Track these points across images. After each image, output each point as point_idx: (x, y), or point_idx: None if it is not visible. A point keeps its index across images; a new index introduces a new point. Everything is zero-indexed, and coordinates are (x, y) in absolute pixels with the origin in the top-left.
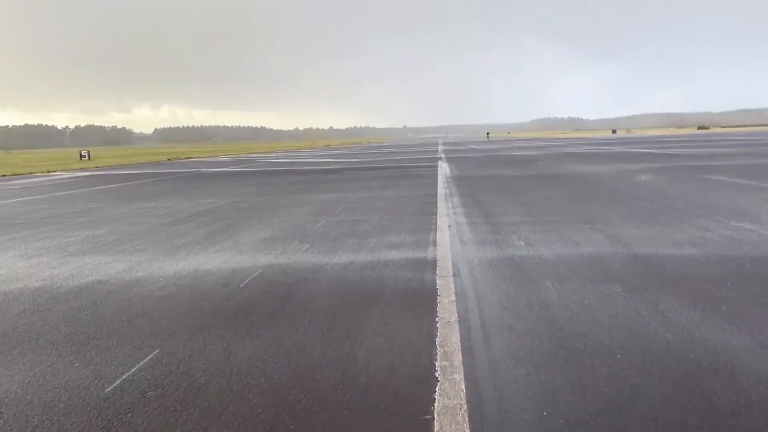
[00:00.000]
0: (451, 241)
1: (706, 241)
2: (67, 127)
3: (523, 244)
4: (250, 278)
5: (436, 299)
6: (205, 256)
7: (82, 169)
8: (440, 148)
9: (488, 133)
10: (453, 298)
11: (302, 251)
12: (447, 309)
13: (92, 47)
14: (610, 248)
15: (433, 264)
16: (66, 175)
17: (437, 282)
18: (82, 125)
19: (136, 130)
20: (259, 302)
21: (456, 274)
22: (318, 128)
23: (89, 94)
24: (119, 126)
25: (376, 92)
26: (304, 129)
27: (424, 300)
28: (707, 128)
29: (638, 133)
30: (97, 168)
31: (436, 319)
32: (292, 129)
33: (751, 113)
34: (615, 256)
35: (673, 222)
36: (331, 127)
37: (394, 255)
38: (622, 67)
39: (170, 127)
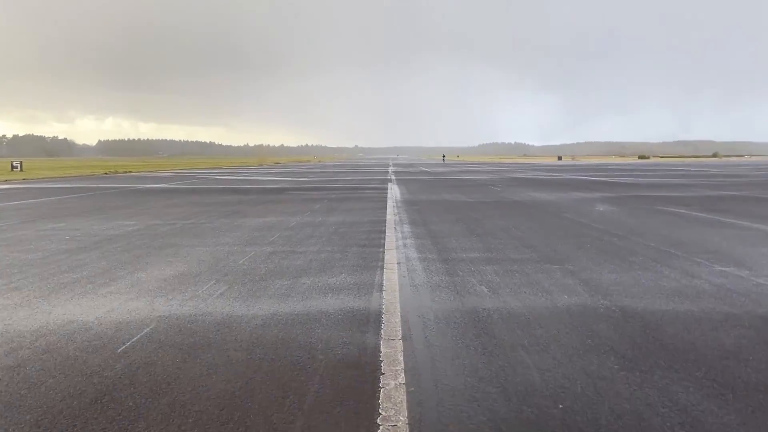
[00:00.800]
0: (400, 284)
1: (698, 291)
2: (3, 136)
3: (485, 290)
4: (135, 338)
5: (380, 381)
6: (91, 301)
7: (6, 182)
8: (391, 169)
9: (444, 156)
10: (401, 379)
11: (215, 296)
12: (393, 400)
13: (31, 54)
14: (589, 299)
15: (377, 319)
16: None
17: (382, 349)
18: (21, 134)
19: (79, 141)
20: (133, 382)
21: (406, 337)
22: (269, 145)
23: (28, 104)
24: (61, 137)
25: (328, 112)
26: (255, 146)
27: (363, 382)
28: (647, 158)
29: (583, 161)
30: (25, 180)
31: (378, 422)
32: (242, 145)
33: (687, 145)
34: (598, 311)
35: (651, 264)
36: (282, 145)
37: (330, 304)
38: (564, 97)
39: (115, 140)
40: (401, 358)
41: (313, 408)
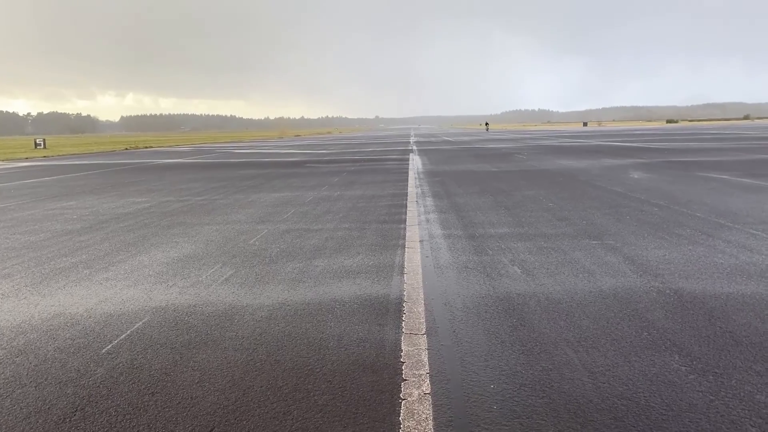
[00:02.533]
0: (423, 266)
1: (761, 270)
2: (29, 114)
3: (518, 271)
4: (124, 335)
5: (400, 389)
6: (83, 290)
7: (27, 159)
8: (412, 139)
9: (487, 124)
10: (426, 387)
11: (220, 282)
12: (417, 417)
13: (49, 31)
14: (638, 281)
15: (397, 308)
16: (3, 166)
17: (403, 347)
18: (45, 112)
19: (102, 117)
20: (111, 393)
21: (431, 332)
22: (289, 118)
23: (50, 81)
24: (84, 113)
25: (349, 83)
26: (275, 119)
27: (381, 391)
28: (676, 122)
29: (609, 126)
30: (45, 158)
31: None
32: (262, 118)
33: (716, 107)
34: (650, 295)
35: (701, 237)
36: (302, 117)
37: (345, 290)
38: (588, 62)
39: (138, 115)
40: (425, 359)
41: (318, 429)
